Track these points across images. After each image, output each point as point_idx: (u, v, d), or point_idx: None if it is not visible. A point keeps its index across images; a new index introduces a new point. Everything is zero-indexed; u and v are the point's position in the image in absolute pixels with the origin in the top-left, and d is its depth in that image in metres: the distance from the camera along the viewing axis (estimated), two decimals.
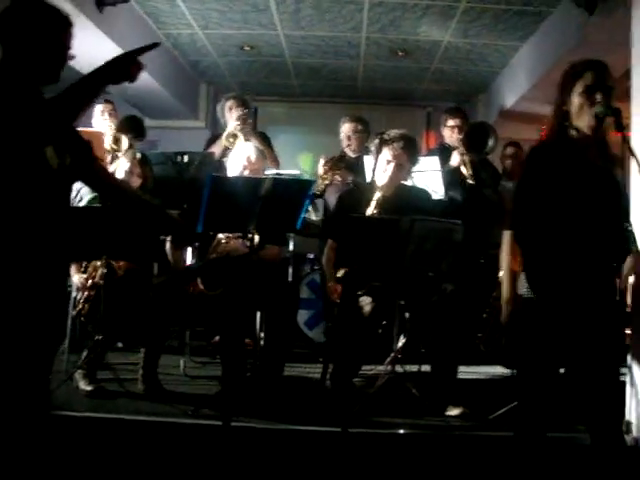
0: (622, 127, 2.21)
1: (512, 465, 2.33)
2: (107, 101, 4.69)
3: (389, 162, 3.34)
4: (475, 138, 4.17)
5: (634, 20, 3.03)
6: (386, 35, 5.75)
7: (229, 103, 4.74)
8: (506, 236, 2.33)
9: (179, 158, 4.20)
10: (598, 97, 2.19)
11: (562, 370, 2.31)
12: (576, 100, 2.24)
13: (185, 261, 3.58)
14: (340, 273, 3.32)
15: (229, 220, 3.02)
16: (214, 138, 5.01)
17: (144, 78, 5.70)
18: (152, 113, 7.28)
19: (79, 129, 3.40)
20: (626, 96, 3.00)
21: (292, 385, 3.57)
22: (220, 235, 3.41)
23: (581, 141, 2.25)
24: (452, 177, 4.20)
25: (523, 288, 2.28)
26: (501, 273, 3.73)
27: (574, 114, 2.25)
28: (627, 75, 3.11)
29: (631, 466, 2.20)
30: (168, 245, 3.49)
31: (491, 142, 4.18)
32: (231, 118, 4.66)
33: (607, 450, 2.13)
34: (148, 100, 6.68)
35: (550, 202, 2.22)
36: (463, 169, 4.18)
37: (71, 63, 2.10)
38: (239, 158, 3.52)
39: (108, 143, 4.27)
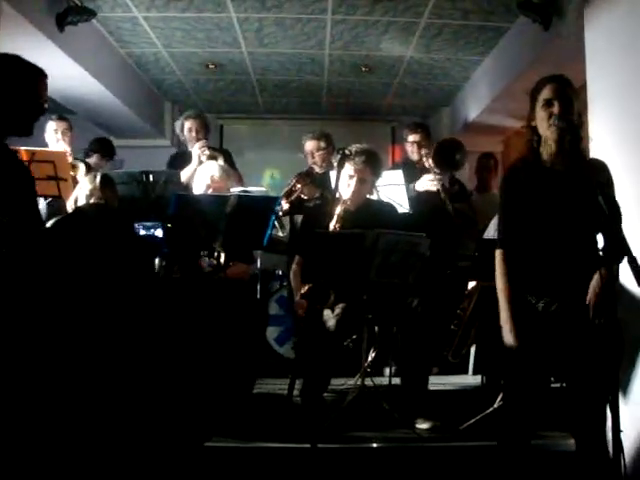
0: (579, 137, 2.27)
1: (495, 474, 2.34)
2: (61, 118, 4.62)
3: (352, 177, 3.35)
4: (443, 155, 4.22)
5: (587, 34, 3.12)
6: (349, 51, 5.81)
7: (188, 124, 4.73)
8: (497, 256, 2.35)
9: (144, 177, 4.17)
10: (555, 110, 2.25)
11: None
12: (539, 114, 2.30)
13: None
14: (304, 289, 3.32)
15: (195, 238, 3.01)
16: (178, 155, 4.98)
17: (108, 97, 5.79)
18: (117, 132, 7.24)
19: (41, 149, 3.39)
20: (584, 108, 3.07)
21: (263, 402, 3.55)
22: None
23: (550, 158, 2.29)
24: (422, 201, 4.21)
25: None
26: (470, 285, 3.81)
27: (541, 128, 2.30)
28: (584, 88, 3.19)
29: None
30: None
31: (458, 156, 4.23)
32: (192, 139, 4.67)
33: (592, 457, 2.16)
34: (112, 119, 6.64)
35: (528, 219, 2.27)
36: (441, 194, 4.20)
37: None
38: (203, 177, 3.52)
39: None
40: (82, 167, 4.27)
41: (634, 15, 2.68)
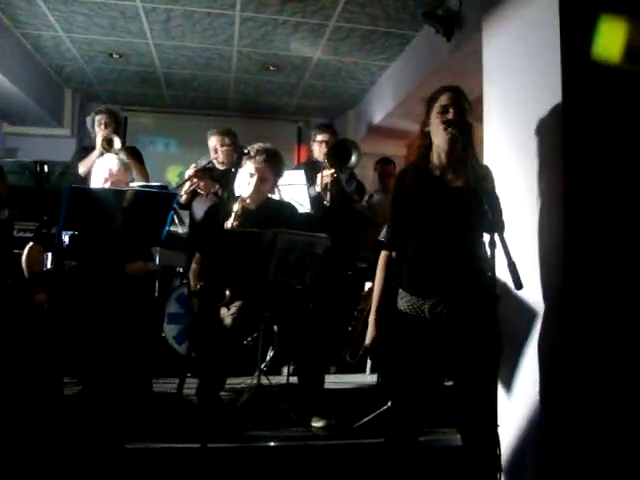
0: (470, 145, 2.35)
1: (382, 471, 2.39)
2: None
3: (252, 175, 3.36)
4: (338, 154, 4.28)
5: (484, 47, 3.25)
6: (257, 49, 5.80)
7: (99, 117, 4.60)
8: (380, 258, 2.43)
9: (38, 167, 3.98)
10: (450, 116, 2.34)
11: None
12: (433, 121, 2.39)
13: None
14: (197, 286, 3.29)
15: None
16: (83, 149, 4.80)
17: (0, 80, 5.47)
18: (11, 119, 6.90)
19: None
20: (477, 118, 3.19)
21: (159, 402, 3.48)
22: None
23: (440, 163, 2.38)
24: (319, 203, 4.27)
25: (402, 303, 2.35)
26: (367, 287, 3.90)
27: (434, 134, 2.38)
28: (480, 99, 3.31)
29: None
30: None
31: (354, 157, 4.30)
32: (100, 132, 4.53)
33: (476, 451, 2.25)
34: (6, 105, 6.31)
35: (415, 222, 2.34)
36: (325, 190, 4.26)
37: None
38: (101, 170, 3.41)
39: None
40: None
41: (526, 33, 2.83)
